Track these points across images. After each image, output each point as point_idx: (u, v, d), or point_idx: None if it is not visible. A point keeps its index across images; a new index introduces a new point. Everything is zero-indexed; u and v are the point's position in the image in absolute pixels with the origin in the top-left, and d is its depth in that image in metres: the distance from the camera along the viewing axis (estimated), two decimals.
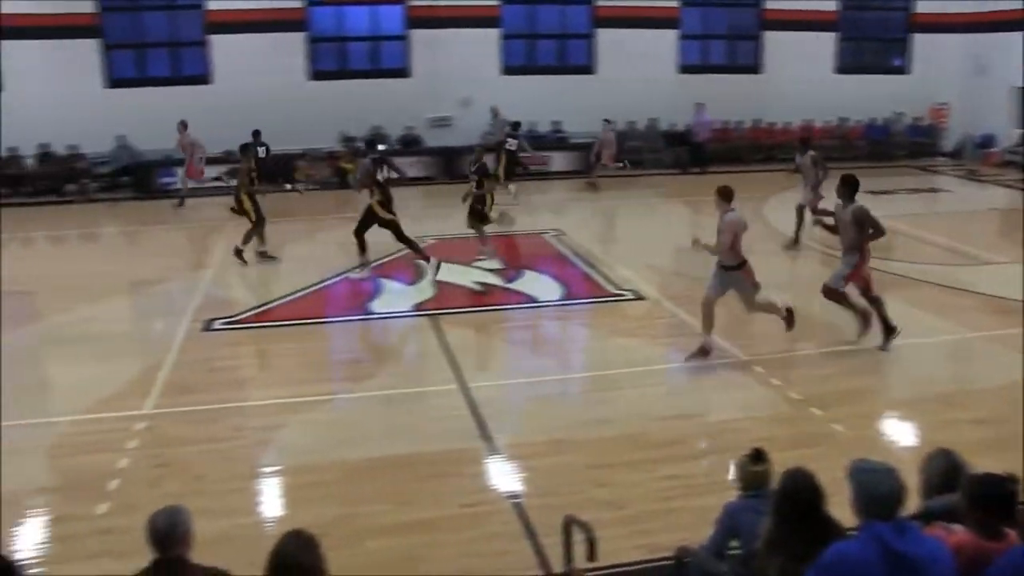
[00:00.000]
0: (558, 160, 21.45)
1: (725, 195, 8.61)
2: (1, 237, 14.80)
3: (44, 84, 19.09)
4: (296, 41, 20.63)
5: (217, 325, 10.43)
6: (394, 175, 12.51)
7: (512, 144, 18.01)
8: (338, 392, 8.60)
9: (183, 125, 18.29)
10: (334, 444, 7.31)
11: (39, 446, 7.48)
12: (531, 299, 11.28)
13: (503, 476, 6.79)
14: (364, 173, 12.26)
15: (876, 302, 9.12)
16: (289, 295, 11.58)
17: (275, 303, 11.30)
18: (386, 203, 11.97)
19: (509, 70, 21.91)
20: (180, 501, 4.14)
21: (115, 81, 20.20)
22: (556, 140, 21.84)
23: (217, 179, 17.38)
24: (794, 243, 13.57)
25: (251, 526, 6.13)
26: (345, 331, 10.72)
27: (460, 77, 20.80)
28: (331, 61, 21.28)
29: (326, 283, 12.19)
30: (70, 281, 12.65)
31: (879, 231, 9.00)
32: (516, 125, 18.77)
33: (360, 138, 19.20)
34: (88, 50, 19.81)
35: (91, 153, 19.59)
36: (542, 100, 21.25)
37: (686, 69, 22.95)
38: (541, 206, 17.86)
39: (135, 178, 19.53)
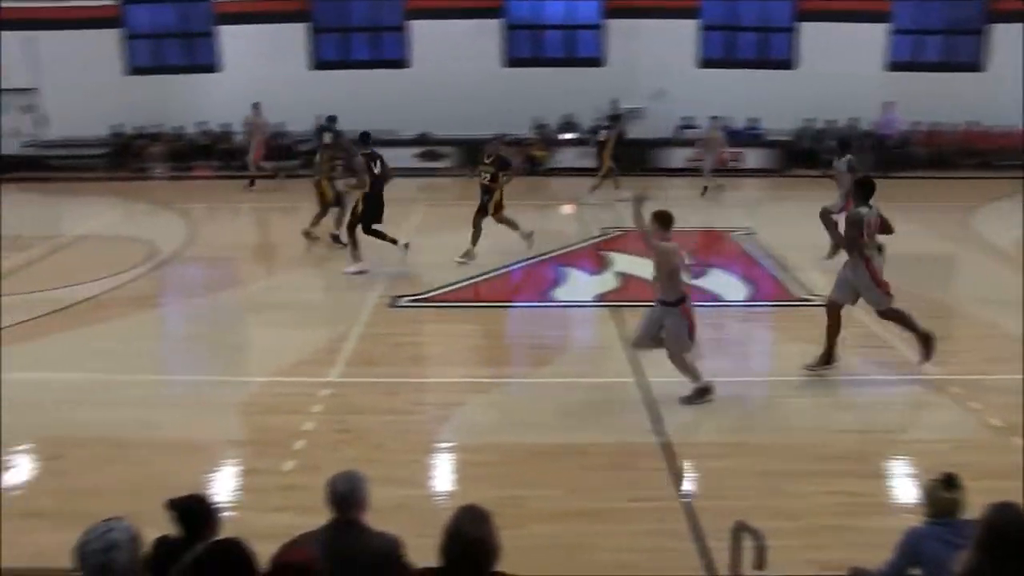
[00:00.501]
0: (753, 157, 20.89)
1: (662, 221, 7.69)
2: (187, 210, 15.85)
3: (256, 66, 20.45)
4: (493, 28, 21.02)
5: (403, 302, 10.86)
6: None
7: (603, 135, 17.65)
8: (515, 376, 8.76)
9: (255, 108, 19.11)
10: (508, 426, 7.48)
11: (234, 402, 8.07)
12: (715, 298, 11.08)
13: (674, 474, 6.74)
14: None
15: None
16: (474, 277, 11.89)
17: (460, 284, 11.62)
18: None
19: (706, 63, 21.49)
20: (358, 467, 4.37)
21: (319, 63, 21.28)
22: (751, 137, 21.28)
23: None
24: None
25: (423, 498, 6.37)
26: (526, 316, 10.90)
27: (655, 68, 20.58)
28: (526, 48, 21.55)
29: (511, 267, 12.43)
30: (270, 251, 13.49)
31: (849, 244, 8.31)
32: (616, 118, 18.27)
33: (549, 126, 19.41)
34: (296, 34, 20.99)
35: (294, 132, 20.76)
36: (738, 94, 20.70)
37: (896, 66, 21.74)
38: (732, 203, 17.49)
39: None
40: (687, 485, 6.56)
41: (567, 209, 16.76)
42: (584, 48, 21.56)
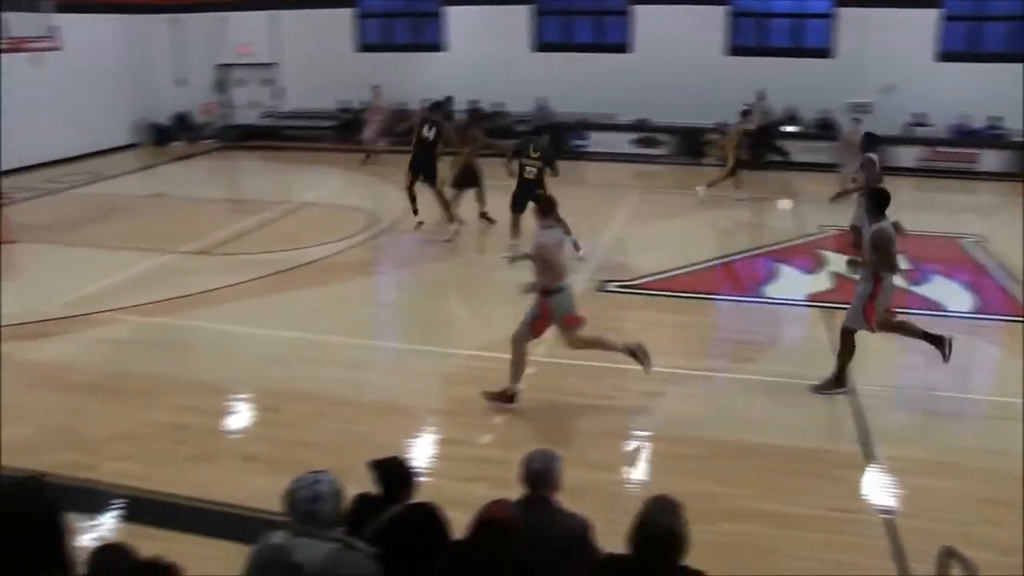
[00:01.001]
0: (991, 159, 19.25)
1: (544, 207, 7.57)
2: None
3: (479, 46, 21.00)
4: (717, 15, 20.50)
5: (611, 287, 10.85)
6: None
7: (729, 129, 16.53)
8: (718, 370, 8.57)
9: (375, 89, 19.77)
10: (707, 421, 7.35)
11: (438, 372, 8.37)
12: (937, 306, 10.37)
13: (878, 488, 6.39)
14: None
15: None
16: (685, 267, 11.71)
17: (670, 273, 11.47)
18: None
19: (946, 56, 19.92)
20: (554, 446, 4.41)
21: (542, 45, 21.53)
22: (991, 137, 19.61)
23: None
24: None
25: (614, 483, 6.37)
26: (734, 311, 10.63)
27: (887, 62, 19.38)
28: (750, 36, 20.86)
29: (724, 259, 12.16)
30: (486, 227, 13.82)
31: (890, 265, 7.50)
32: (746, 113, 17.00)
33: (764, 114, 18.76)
34: (520, 15, 21.31)
35: (514, 112, 21.15)
36: (981, 91, 19.11)
37: None
38: (963, 207, 16.28)
39: (549, 138, 20.64)
40: (890, 501, 6.19)
41: (784, 204, 16.15)
42: (812, 38, 20.60)
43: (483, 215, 13.91)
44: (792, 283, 11.26)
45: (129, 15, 22.62)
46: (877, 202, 7.64)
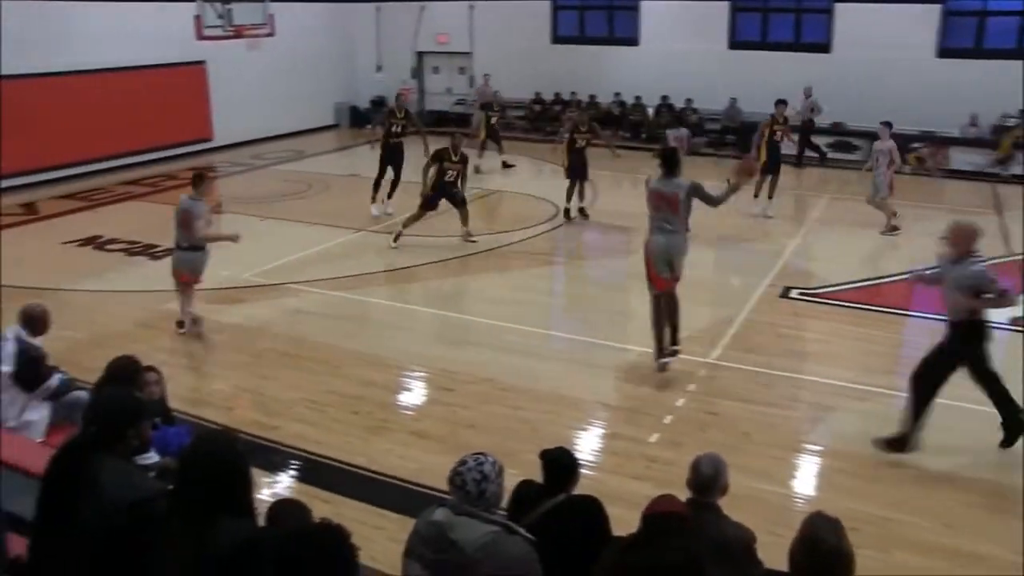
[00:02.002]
0: None
1: (194, 181, 8.78)
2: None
3: (674, 41, 20.69)
4: (930, 14, 19.27)
5: (794, 294, 10.49)
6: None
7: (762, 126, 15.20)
8: (900, 389, 8.10)
9: (486, 78, 20.20)
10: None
11: (610, 366, 8.35)
12: None
13: None
14: None
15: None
16: (874, 279, 11.16)
17: (859, 284, 10.95)
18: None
19: None
20: (721, 451, 4.30)
21: (737, 43, 20.99)
22: None
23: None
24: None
25: (779, 495, 6.17)
26: (924, 328, 9.99)
27: None
28: (967, 38, 19.46)
29: (916, 273, 11.45)
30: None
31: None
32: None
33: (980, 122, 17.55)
34: (717, 11, 20.83)
35: (704, 110, 20.77)
36: None
37: None
38: None
39: (739, 138, 20.15)
40: None
41: (980, 218, 15.02)
42: None
43: (581, 210, 14.02)
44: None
45: (337, 3, 23.73)
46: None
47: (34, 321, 6.34)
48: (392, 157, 14.07)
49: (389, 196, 14.09)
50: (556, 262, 12.46)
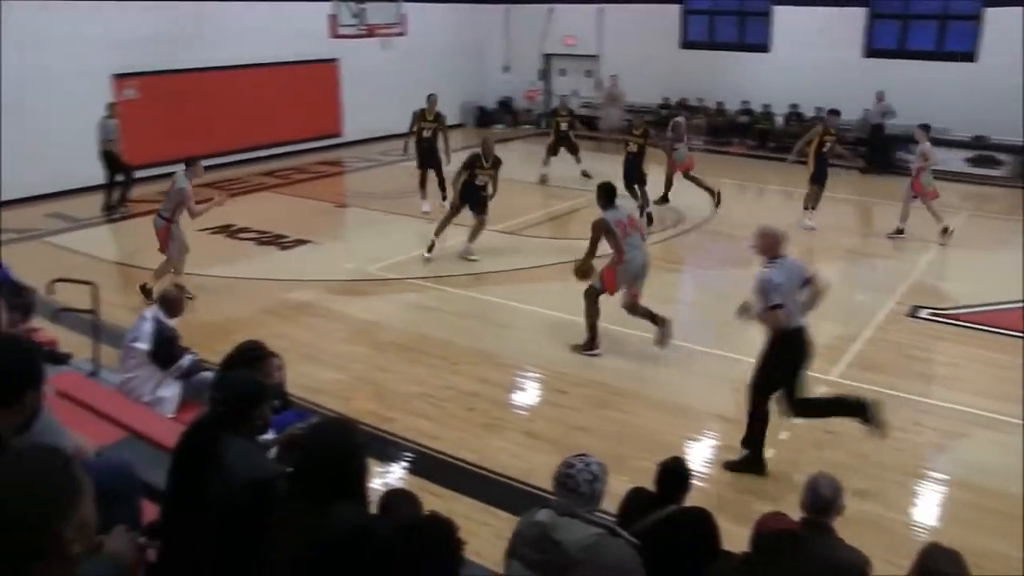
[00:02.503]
0: None
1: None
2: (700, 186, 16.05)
3: (806, 48, 20.13)
4: None
5: (923, 313, 10.09)
6: None
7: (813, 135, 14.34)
8: None
9: (613, 79, 20.06)
10: (1013, 474, 6.61)
11: (726, 377, 8.21)
12: None
13: None
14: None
15: None
16: (1012, 302, 10.57)
17: (993, 306, 10.43)
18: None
19: None
20: (837, 472, 4.19)
21: (874, 51, 20.29)
22: None
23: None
24: None
25: (898, 523, 5.97)
26: None
27: None
28: None
29: None
30: (793, 234, 13.38)
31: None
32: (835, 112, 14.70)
33: None
34: (854, 18, 20.19)
35: (844, 120, 20.13)
36: None
37: None
38: None
39: (872, 150, 19.48)
40: None
41: None
42: None
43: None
44: None
45: (467, 4, 24.05)
46: None
47: (170, 303, 6.72)
48: (428, 159, 14.24)
49: (444, 198, 14.17)
50: (676, 269, 12.33)
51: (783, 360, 6.52)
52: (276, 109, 18.60)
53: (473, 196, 11.80)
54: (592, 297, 8.73)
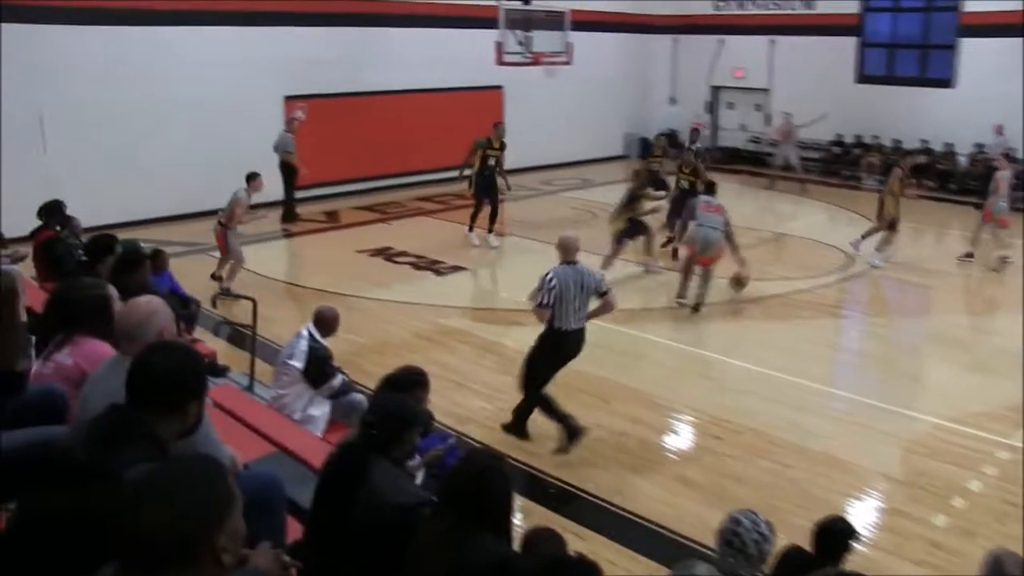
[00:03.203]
0: None
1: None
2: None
3: (995, 83, 18.99)
4: None
5: None
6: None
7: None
8: None
9: (786, 116, 19.75)
10: None
11: (894, 434, 7.81)
12: None
13: None
14: None
15: None
16: None
17: None
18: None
19: None
20: (1019, 550, 3.88)
21: None
22: None
23: None
24: None
25: None
26: None
27: None
28: None
29: None
30: (970, 282, 12.75)
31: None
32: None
33: None
34: None
35: None
36: None
37: None
38: None
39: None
40: None
41: None
42: None
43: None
44: None
45: (635, 35, 24.08)
46: None
47: (325, 322, 6.91)
48: (488, 189, 14.29)
49: (490, 230, 14.28)
50: (845, 315, 11.83)
51: (547, 357, 7.34)
52: (438, 134, 19.02)
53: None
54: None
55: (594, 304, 7.31)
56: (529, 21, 16.89)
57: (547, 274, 7.20)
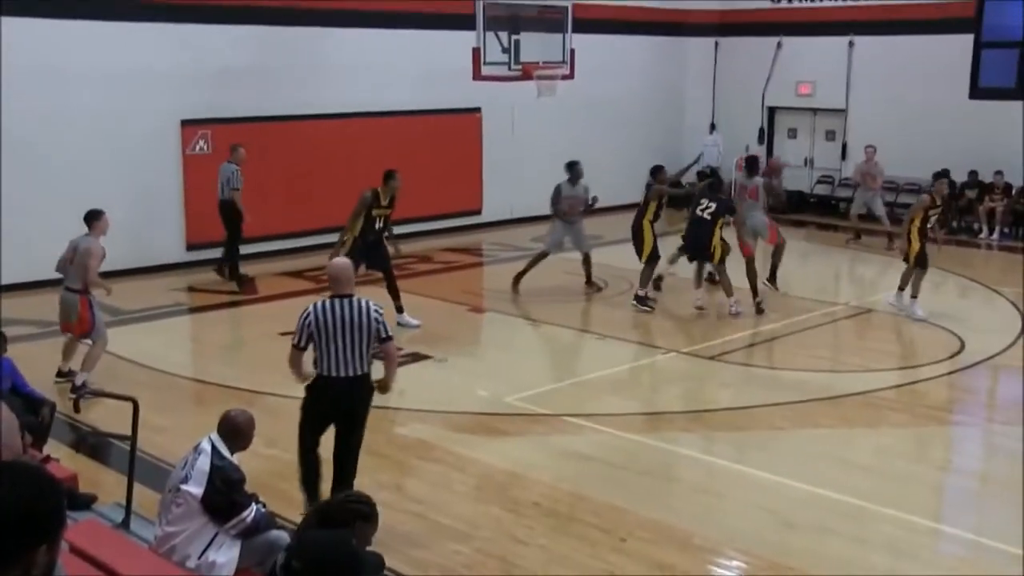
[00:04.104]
0: None
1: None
2: None
3: None
4: None
5: None
6: None
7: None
8: None
9: (868, 151, 20.22)
10: None
11: None
12: None
13: None
14: None
15: None
16: None
17: None
18: None
19: None
20: None
21: None
22: None
23: None
24: None
25: None
26: None
27: None
28: None
29: None
30: None
31: None
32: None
33: None
34: None
35: None
36: None
37: None
38: None
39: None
40: None
41: None
42: None
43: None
44: None
45: (662, 37, 24.40)
46: None
47: (235, 432, 6.73)
48: (374, 256, 14.31)
49: (398, 308, 14.25)
50: (956, 421, 11.84)
51: (306, 410, 8.23)
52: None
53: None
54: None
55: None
56: (517, 20, 16.81)
57: (305, 309, 8.02)
